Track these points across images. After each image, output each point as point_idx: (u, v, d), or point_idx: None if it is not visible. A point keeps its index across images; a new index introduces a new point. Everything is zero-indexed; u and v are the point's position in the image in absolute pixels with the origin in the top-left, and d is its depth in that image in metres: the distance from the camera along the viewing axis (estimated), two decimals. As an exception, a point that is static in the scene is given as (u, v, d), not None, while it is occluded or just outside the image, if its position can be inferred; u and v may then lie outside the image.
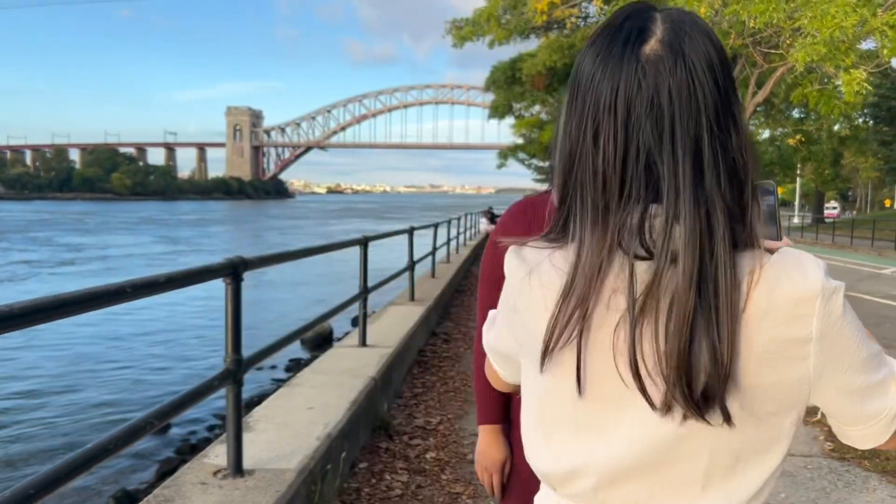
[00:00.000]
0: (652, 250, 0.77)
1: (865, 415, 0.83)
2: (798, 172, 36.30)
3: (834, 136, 22.40)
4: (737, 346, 0.75)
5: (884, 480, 4.07)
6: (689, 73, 0.77)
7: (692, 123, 0.77)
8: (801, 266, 0.78)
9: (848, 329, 0.79)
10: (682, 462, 0.81)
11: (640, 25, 0.80)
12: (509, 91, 20.93)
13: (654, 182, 0.78)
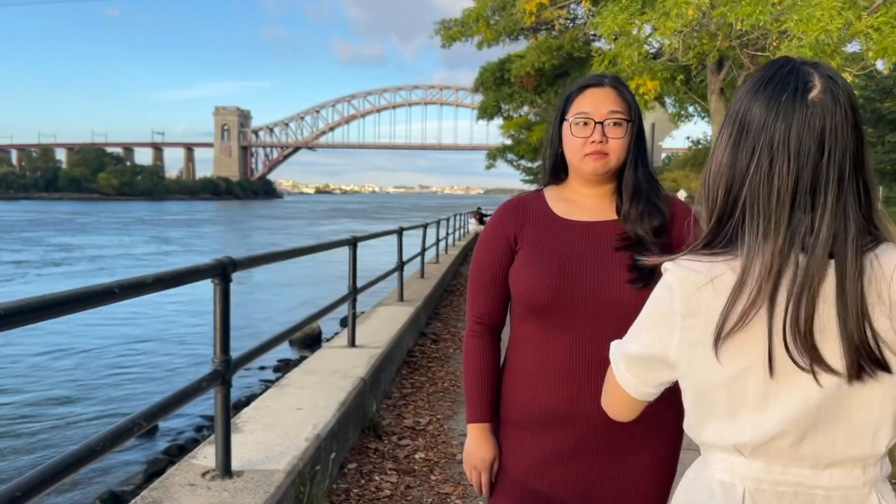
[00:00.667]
0: (810, 250, 0.99)
1: None
2: (784, 174, 36.51)
3: (820, 138, 22.61)
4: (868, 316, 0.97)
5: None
6: (844, 115, 1.01)
7: (846, 154, 1.01)
8: None
9: None
10: (856, 415, 1.01)
11: (804, 79, 1.03)
12: (498, 92, 20.90)
13: (813, 200, 1.01)
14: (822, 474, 1.05)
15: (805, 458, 1.04)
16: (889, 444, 1.04)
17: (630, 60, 9.20)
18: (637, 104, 1.73)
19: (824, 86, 1.02)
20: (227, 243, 42.86)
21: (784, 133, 1.01)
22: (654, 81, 9.43)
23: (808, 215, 1.00)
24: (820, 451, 1.03)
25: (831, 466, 1.04)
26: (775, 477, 1.06)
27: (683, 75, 10.17)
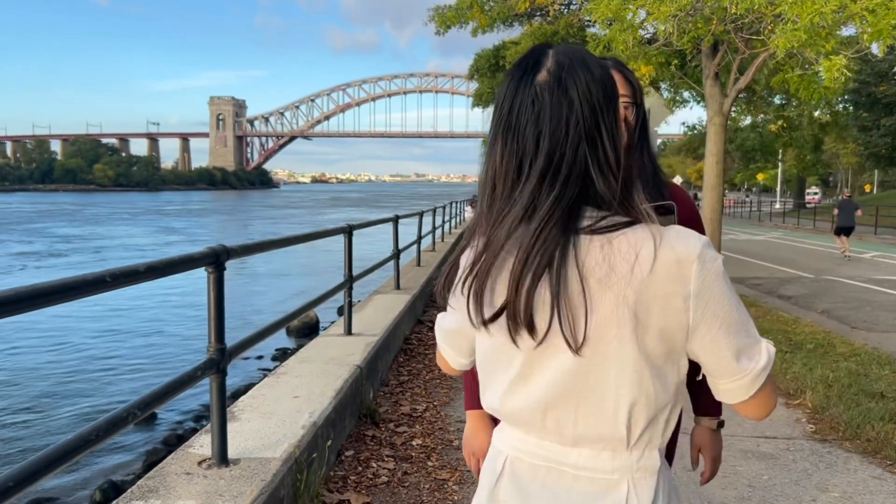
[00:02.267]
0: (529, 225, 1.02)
1: (731, 369, 1.03)
2: (780, 158, 36.54)
3: (815, 122, 22.58)
4: (586, 302, 1.00)
5: (864, 461, 4.12)
6: (568, 101, 1.02)
7: (565, 137, 1.02)
8: (685, 237, 1.02)
9: (722, 294, 1.00)
10: (593, 393, 1.03)
11: (538, 63, 1.05)
12: (493, 79, 20.86)
13: (529, 179, 1.03)
14: (571, 452, 1.07)
15: (551, 433, 1.07)
16: (637, 430, 1.04)
17: (625, 45, 9.18)
18: (641, 87, 1.73)
19: (554, 70, 1.03)
20: (231, 232, 42.77)
21: (507, 113, 1.05)
22: (648, 66, 9.41)
23: (527, 194, 1.02)
24: (563, 426, 1.06)
25: (578, 444, 1.07)
26: (531, 448, 1.11)
27: (678, 60, 10.14)
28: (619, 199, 1.02)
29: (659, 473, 1.08)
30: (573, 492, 1.07)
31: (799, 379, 5.68)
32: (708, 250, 1.01)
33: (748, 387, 1.03)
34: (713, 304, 1.00)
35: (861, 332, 8.25)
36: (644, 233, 1.00)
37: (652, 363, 1.02)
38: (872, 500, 3.59)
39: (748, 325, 1.03)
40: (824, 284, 12.78)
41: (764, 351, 1.04)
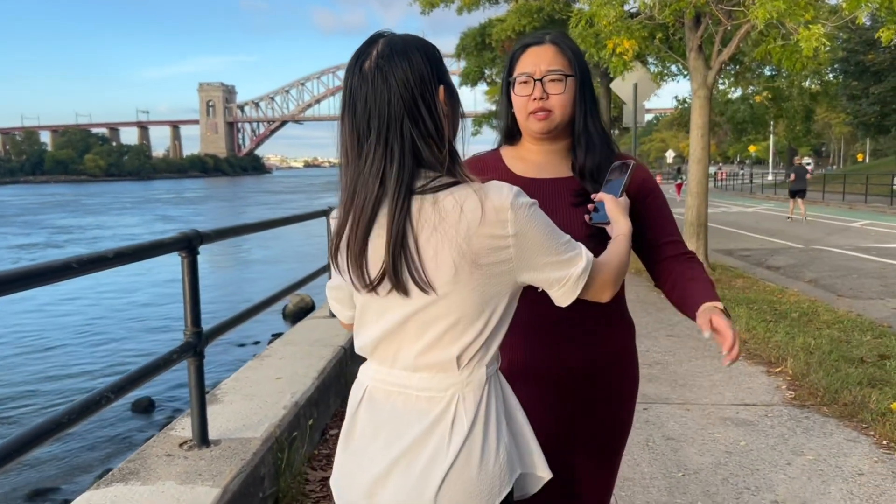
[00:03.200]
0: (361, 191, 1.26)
1: (556, 278, 1.29)
2: (771, 130, 36.46)
3: (805, 93, 22.47)
4: (417, 248, 1.22)
5: (840, 425, 4.19)
6: (387, 85, 1.22)
7: (386, 115, 1.23)
8: (498, 190, 1.23)
9: (536, 230, 1.25)
10: (423, 328, 1.27)
11: (365, 53, 1.26)
12: (480, 57, 20.72)
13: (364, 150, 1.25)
14: (413, 376, 1.30)
15: (398, 362, 1.31)
16: (468, 355, 1.27)
17: (607, 20, 9.14)
18: (582, 59, 1.73)
19: (377, 59, 1.24)
20: (228, 219, 42.58)
21: (347, 95, 1.27)
22: (631, 41, 9.37)
23: (372, 164, 1.23)
24: (409, 357, 1.29)
25: (419, 370, 1.29)
26: (384, 377, 1.33)
27: (662, 34, 10.09)
28: (446, 165, 1.24)
29: (487, 385, 1.30)
30: (414, 409, 1.29)
31: (781, 347, 5.75)
32: (519, 198, 1.23)
33: (572, 288, 1.31)
34: (530, 239, 1.24)
35: (846, 300, 8.32)
36: (467, 190, 1.22)
37: (482, 296, 1.25)
38: (846, 462, 3.66)
39: (563, 245, 1.29)
40: (812, 254, 12.85)
41: (583, 258, 1.31)
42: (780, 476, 3.51)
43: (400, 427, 1.29)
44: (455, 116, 1.33)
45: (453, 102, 1.32)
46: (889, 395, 4.52)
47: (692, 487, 3.38)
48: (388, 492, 1.28)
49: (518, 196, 1.24)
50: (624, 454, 1.89)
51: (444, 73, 1.30)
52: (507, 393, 1.38)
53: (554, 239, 1.28)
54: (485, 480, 1.25)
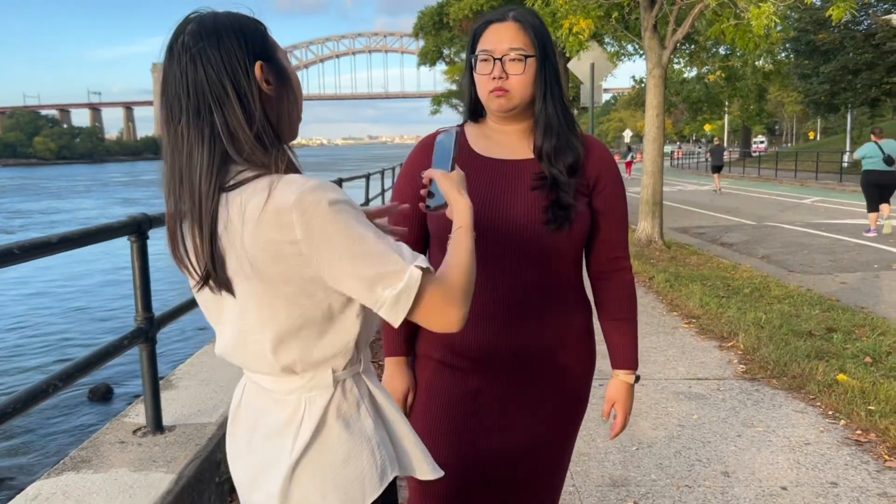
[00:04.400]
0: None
1: (369, 299, 1.10)
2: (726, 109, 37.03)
3: (757, 72, 22.87)
4: (216, 245, 1.11)
5: (789, 397, 4.31)
6: (182, 65, 1.12)
7: (185, 96, 1.12)
8: (287, 187, 1.08)
9: (338, 233, 1.07)
10: (246, 333, 1.18)
11: (175, 34, 1.16)
12: (438, 37, 20.64)
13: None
14: (264, 378, 1.23)
15: (245, 363, 1.24)
16: (291, 357, 1.17)
17: (563, -1, 9.17)
18: (545, 38, 1.68)
19: (186, 41, 1.13)
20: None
21: (161, 80, 1.18)
22: (587, 20, 9.41)
23: (175, 147, 1.14)
24: (246, 361, 1.23)
25: (262, 372, 1.22)
26: (250, 374, 1.27)
27: (618, 13, 10.15)
28: (252, 156, 1.11)
29: (338, 389, 1.21)
30: (270, 413, 1.23)
31: (733, 322, 5.88)
32: (310, 195, 1.07)
33: (391, 311, 1.10)
34: (328, 244, 1.07)
35: (797, 275, 8.54)
36: (260, 185, 1.10)
37: (287, 300, 1.13)
38: (793, 433, 3.77)
39: (382, 255, 1.09)
40: (765, 230, 13.14)
41: (404, 274, 1.09)
42: (730, 448, 3.60)
43: (260, 428, 1.24)
44: (283, 99, 1.19)
45: (281, 82, 1.18)
46: (835, 367, 4.66)
47: (646, 461, 3.46)
48: (255, 495, 1.24)
49: (312, 192, 1.07)
50: (580, 430, 1.91)
51: (265, 50, 1.17)
52: (377, 395, 1.28)
53: (368, 246, 1.09)
54: (336, 488, 1.19)
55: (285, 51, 1.24)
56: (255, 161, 1.12)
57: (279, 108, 1.17)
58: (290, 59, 1.24)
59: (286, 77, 1.19)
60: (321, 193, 1.07)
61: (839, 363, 4.75)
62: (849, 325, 5.77)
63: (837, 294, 7.27)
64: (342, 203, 1.08)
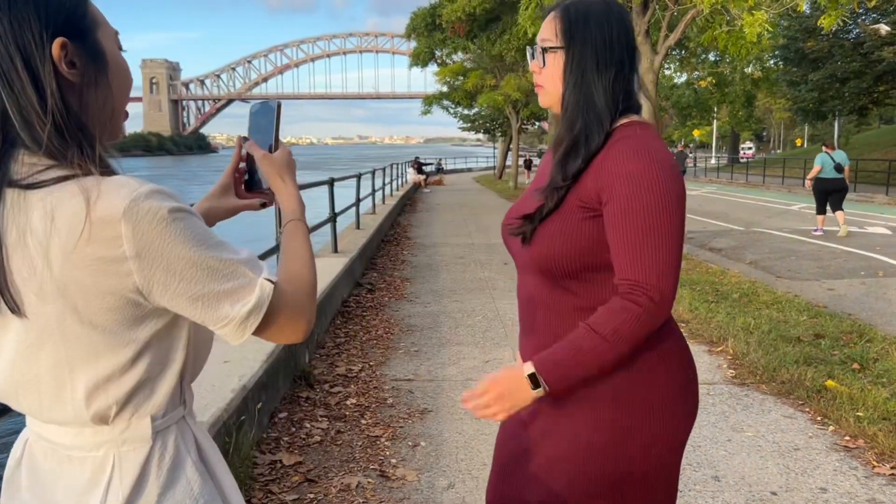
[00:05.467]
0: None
1: (213, 318, 0.96)
2: (714, 115, 37.30)
3: (747, 79, 23.07)
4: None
5: (778, 402, 4.34)
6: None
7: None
8: (117, 190, 0.90)
9: (175, 246, 0.91)
10: (47, 371, 0.95)
11: None
12: (430, 38, 20.65)
13: None
14: (59, 431, 0.99)
15: (34, 410, 0.99)
16: (102, 404, 0.96)
17: (555, 2, 9.19)
18: (578, 25, 1.48)
19: None
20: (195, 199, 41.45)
21: None
22: (580, 24, 9.44)
23: None
24: (36, 409, 0.99)
25: (58, 423, 0.99)
26: (37, 429, 1.02)
27: (611, 17, 10.19)
28: (52, 149, 0.92)
29: (157, 442, 1.01)
30: (68, 473, 1.00)
31: (722, 327, 5.91)
32: (144, 202, 0.89)
33: (237, 330, 0.97)
34: (166, 262, 0.91)
35: (784, 281, 8.59)
36: (73, 189, 0.90)
37: (106, 331, 0.94)
38: (783, 438, 3.79)
39: (229, 268, 0.96)
40: (753, 236, 13.22)
41: (256, 290, 0.97)
42: (720, 452, 3.62)
43: (52, 497, 1.00)
44: (94, 86, 0.97)
45: (92, 66, 0.97)
46: (823, 373, 4.70)
47: (637, 464, 3.47)
48: None
49: (146, 199, 0.89)
50: None
51: (73, 26, 0.96)
52: (204, 443, 1.10)
53: (212, 259, 0.94)
54: None
55: (116, 31, 1.04)
56: (57, 155, 0.92)
57: (87, 96, 0.96)
58: (119, 41, 1.04)
59: (102, 62, 0.99)
60: (157, 201, 0.90)
61: (827, 369, 4.79)
62: (836, 331, 5.81)
63: (825, 300, 7.33)
64: (182, 212, 0.92)
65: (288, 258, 1.11)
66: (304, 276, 1.08)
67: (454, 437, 3.82)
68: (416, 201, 22.62)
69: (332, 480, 3.32)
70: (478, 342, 5.73)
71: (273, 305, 0.99)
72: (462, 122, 40.69)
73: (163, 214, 0.90)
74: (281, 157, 1.22)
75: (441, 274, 9.04)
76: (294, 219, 1.17)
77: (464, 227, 14.84)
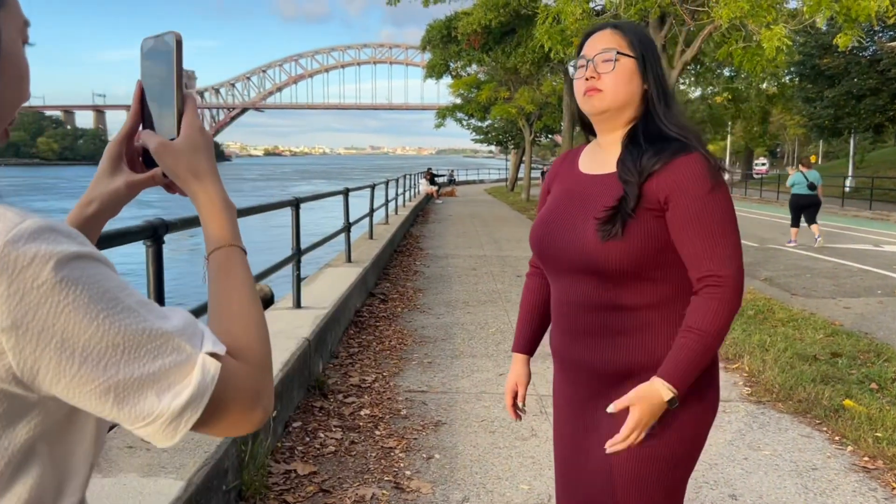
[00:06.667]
0: None
1: (133, 414, 0.66)
2: (728, 130, 37.20)
3: (762, 94, 23.02)
4: None
5: (795, 421, 4.30)
6: None
7: None
8: None
9: (74, 312, 0.62)
10: None
11: None
12: (445, 50, 20.72)
13: None
14: None
15: None
16: None
17: (573, 17, 9.22)
18: (646, 43, 1.64)
19: None
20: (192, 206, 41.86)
21: None
22: (597, 38, 9.47)
23: None
24: None
25: None
26: None
27: (627, 32, 10.23)
28: None
29: None
30: None
31: (738, 344, 5.87)
32: (25, 246, 0.60)
33: (166, 430, 0.68)
34: (57, 333, 0.62)
35: (800, 299, 8.53)
36: None
37: None
38: (800, 457, 3.76)
39: (157, 339, 0.66)
40: (768, 253, 13.14)
41: (195, 371, 0.67)
42: (737, 471, 3.59)
43: None
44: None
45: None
46: (841, 392, 4.65)
47: (653, 481, 3.44)
48: None
49: (26, 242, 0.61)
50: None
51: None
52: None
53: (121, 332, 0.64)
54: None
55: (27, 21, 0.75)
56: None
57: None
58: (27, 34, 0.76)
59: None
60: (45, 244, 0.61)
61: (845, 388, 4.74)
62: (853, 350, 5.76)
63: (841, 319, 7.27)
64: (84, 259, 0.64)
65: (225, 311, 0.78)
66: (253, 340, 0.76)
67: (469, 451, 3.81)
68: (429, 212, 22.66)
69: (346, 491, 3.31)
70: (491, 354, 5.72)
71: (218, 391, 0.69)
72: (475, 133, 40.76)
73: (51, 266, 0.61)
74: (188, 143, 0.84)
75: (454, 285, 9.03)
76: (224, 245, 0.81)
77: (476, 238, 14.83)
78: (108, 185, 0.92)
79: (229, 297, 0.79)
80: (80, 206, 0.91)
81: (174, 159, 0.83)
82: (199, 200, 0.84)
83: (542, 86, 25.24)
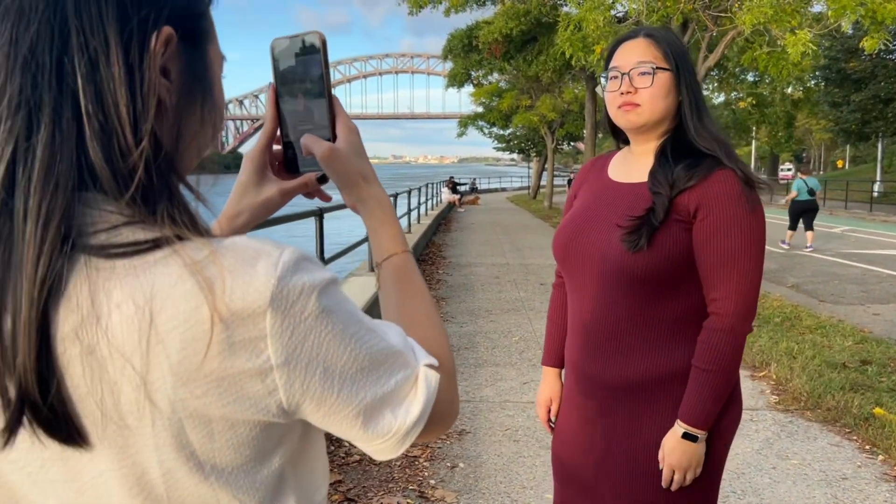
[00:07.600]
0: None
1: (367, 436, 0.66)
2: (753, 135, 36.89)
3: (787, 99, 22.78)
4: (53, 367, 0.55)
5: (824, 429, 4.24)
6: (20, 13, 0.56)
7: (12, 74, 0.56)
8: (243, 270, 0.58)
9: (333, 341, 0.62)
10: None
11: None
12: (467, 59, 20.79)
13: None
14: None
15: None
16: None
17: (595, 24, 9.21)
18: (681, 53, 1.61)
19: None
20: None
21: None
22: (619, 45, 9.46)
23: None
24: None
25: None
26: None
27: (649, 38, 10.21)
28: (136, 197, 0.58)
29: None
30: None
31: (765, 352, 5.80)
32: (294, 279, 0.59)
33: (397, 446, 0.68)
34: (321, 363, 0.61)
35: (828, 305, 8.42)
36: (174, 268, 0.56)
37: (222, 480, 0.61)
38: (830, 467, 3.70)
39: (389, 357, 0.66)
40: (795, 259, 13.00)
41: (421, 385, 0.69)
42: (765, 480, 3.55)
43: None
44: (195, 105, 0.66)
45: (197, 83, 0.66)
46: (871, 400, 4.58)
47: (679, 491, 3.41)
48: None
49: (293, 274, 0.59)
50: None
51: (190, 17, 0.65)
52: None
53: (366, 354, 0.64)
54: None
55: (224, 56, 0.73)
56: (140, 208, 0.58)
57: (184, 124, 0.65)
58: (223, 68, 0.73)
59: (207, 82, 0.68)
60: (307, 273, 0.60)
61: (875, 396, 4.67)
62: (883, 357, 5.67)
63: (870, 325, 7.16)
64: (334, 285, 0.63)
65: (415, 319, 0.77)
66: (443, 347, 0.76)
67: (493, 460, 3.80)
68: (451, 221, 22.69)
69: (371, 500, 3.32)
70: (514, 363, 5.71)
71: (435, 401, 0.70)
72: (497, 142, 40.80)
73: (317, 295, 0.60)
74: (351, 146, 0.80)
75: (477, 294, 9.03)
76: (400, 251, 0.80)
77: (498, 246, 14.82)
78: (258, 195, 0.88)
79: (414, 305, 0.78)
80: (228, 219, 0.87)
81: (344, 164, 0.81)
82: (368, 205, 0.83)
83: (564, 93, 25.21)
